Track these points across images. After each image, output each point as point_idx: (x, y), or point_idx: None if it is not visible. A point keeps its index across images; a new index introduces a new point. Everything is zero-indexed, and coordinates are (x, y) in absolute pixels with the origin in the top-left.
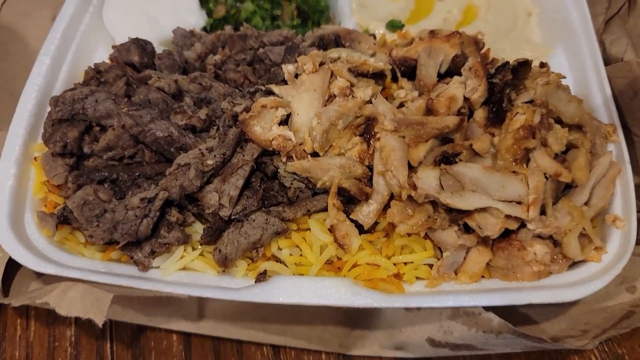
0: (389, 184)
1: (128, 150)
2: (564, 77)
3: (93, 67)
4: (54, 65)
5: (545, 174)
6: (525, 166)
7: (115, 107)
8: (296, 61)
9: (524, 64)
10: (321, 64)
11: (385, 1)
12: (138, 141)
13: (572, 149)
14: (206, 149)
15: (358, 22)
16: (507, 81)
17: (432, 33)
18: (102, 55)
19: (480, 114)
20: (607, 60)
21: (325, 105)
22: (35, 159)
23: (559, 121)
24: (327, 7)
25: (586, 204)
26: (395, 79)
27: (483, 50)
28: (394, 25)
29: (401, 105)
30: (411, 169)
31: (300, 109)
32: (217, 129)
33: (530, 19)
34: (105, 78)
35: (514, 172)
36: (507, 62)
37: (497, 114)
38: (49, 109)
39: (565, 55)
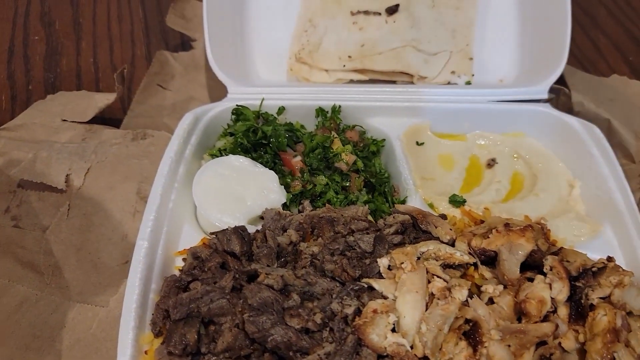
0: None
1: (244, 351)
2: (633, 275)
3: (192, 252)
4: (151, 248)
5: None
6: None
7: (229, 306)
8: (387, 252)
9: (603, 268)
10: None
11: (441, 173)
12: (254, 341)
13: None
14: (325, 354)
15: (423, 197)
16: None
17: (507, 226)
18: (188, 232)
19: (563, 312)
20: None
21: (427, 306)
22: (145, 352)
23: (628, 313)
24: (389, 178)
25: None
26: (475, 266)
27: (546, 233)
28: (456, 201)
29: (490, 300)
30: None
31: (406, 312)
32: (329, 330)
33: (574, 192)
34: (207, 266)
35: None
36: (590, 269)
37: (579, 311)
38: (151, 295)
39: (614, 232)
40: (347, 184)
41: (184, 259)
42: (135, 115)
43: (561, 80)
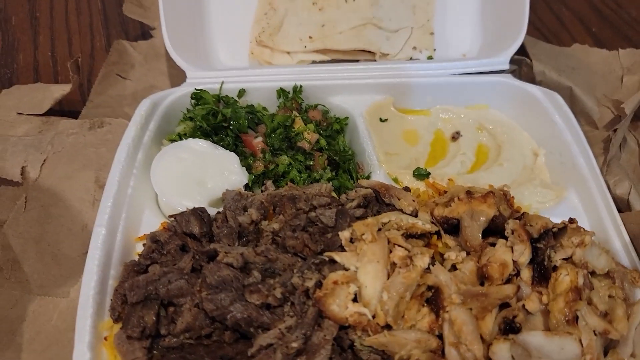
0: (464, 357)
1: (205, 330)
2: (594, 234)
3: (151, 236)
4: (110, 235)
5: (594, 331)
6: (576, 324)
7: (187, 286)
8: (349, 225)
9: (563, 229)
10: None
11: (406, 148)
12: (214, 320)
13: (608, 299)
14: (285, 328)
15: (387, 172)
16: (550, 245)
17: (469, 194)
18: (149, 218)
19: (526, 274)
20: (614, 202)
21: (388, 275)
22: (105, 338)
23: (591, 273)
24: (353, 155)
25: (632, 355)
26: (438, 235)
27: (509, 199)
28: (421, 174)
29: (453, 266)
30: None
31: (367, 281)
32: (290, 304)
33: (538, 160)
34: (166, 249)
35: (568, 332)
36: (550, 229)
37: (542, 273)
38: (110, 282)
39: (578, 197)
40: (311, 163)
41: (144, 244)
42: (94, 106)
43: (523, 51)
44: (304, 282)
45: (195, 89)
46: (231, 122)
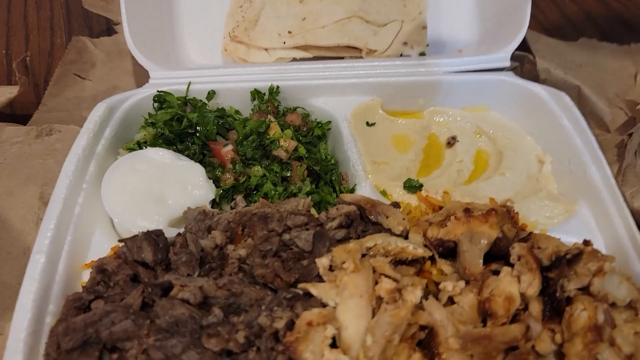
0: None
1: None
2: (614, 259)
3: (97, 265)
4: (50, 263)
5: None
6: None
7: (134, 328)
8: (328, 250)
9: (578, 255)
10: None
11: (395, 155)
12: None
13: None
14: None
15: (374, 183)
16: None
17: (468, 211)
18: (100, 240)
19: (536, 308)
20: (632, 216)
21: (373, 312)
22: None
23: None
24: (336, 164)
25: None
26: (432, 260)
27: (513, 216)
28: (412, 186)
29: (449, 299)
30: None
31: (348, 321)
32: (256, 350)
33: (544, 168)
34: (114, 281)
35: None
36: (563, 257)
37: (553, 306)
38: (47, 319)
39: (590, 211)
40: (289, 174)
41: (91, 273)
42: (47, 109)
43: (525, 47)
44: (273, 323)
45: (158, 90)
46: (197, 128)
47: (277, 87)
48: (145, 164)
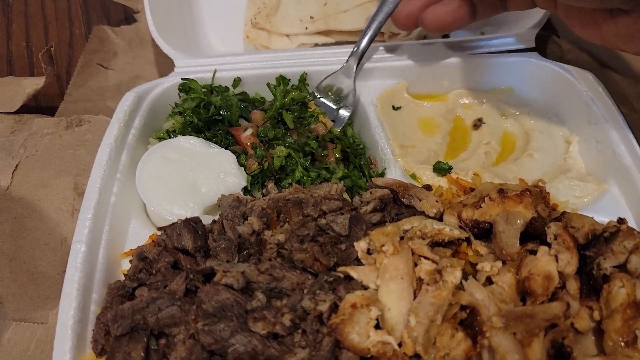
0: None
1: None
2: None
3: (138, 253)
4: (90, 252)
5: None
6: (637, 346)
7: (180, 314)
8: (365, 233)
9: (615, 233)
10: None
11: (422, 138)
12: (214, 353)
13: None
14: None
15: (404, 167)
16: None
17: (502, 192)
18: (136, 229)
19: (573, 286)
20: None
21: (415, 293)
22: None
23: None
24: (364, 149)
25: None
26: (467, 242)
27: (546, 197)
28: (442, 169)
29: (487, 279)
30: None
31: (390, 303)
32: (302, 332)
33: (572, 148)
34: (155, 268)
35: (627, 356)
36: (601, 235)
37: (590, 284)
38: (92, 307)
39: (620, 190)
40: (324, 153)
41: (131, 261)
42: (73, 100)
43: (549, 27)
44: (317, 306)
45: (182, 79)
46: (221, 112)
47: (305, 73)
48: (177, 153)
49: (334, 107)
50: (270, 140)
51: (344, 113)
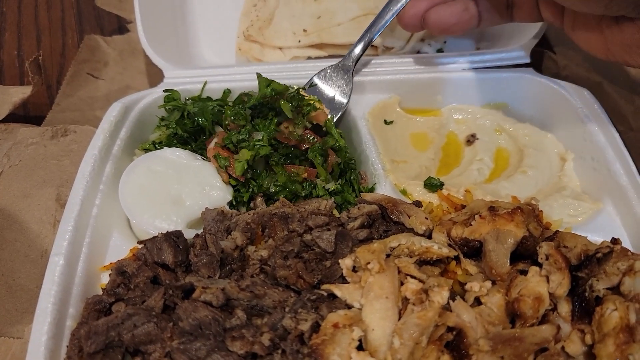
0: None
1: None
2: None
3: (116, 267)
4: (69, 265)
5: None
6: None
7: (157, 331)
8: (351, 250)
9: (609, 254)
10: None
11: (414, 154)
12: None
13: None
14: None
15: (394, 183)
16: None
17: (492, 210)
18: (118, 242)
19: (565, 308)
20: None
21: (400, 313)
22: None
23: None
24: (355, 164)
25: None
26: (456, 260)
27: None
28: (433, 185)
29: (476, 300)
30: None
31: (374, 323)
32: (281, 352)
33: (566, 166)
34: (134, 283)
35: None
36: (594, 255)
37: (582, 306)
38: (68, 322)
39: (615, 209)
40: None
41: (110, 275)
42: (61, 109)
43: (545, 43)
44: (298, 325)
45: (164, 90)
46: (199, 121)
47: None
48: (162, 165)
49: (330, 95)
50: (235, 145)
51: (341, 99)
